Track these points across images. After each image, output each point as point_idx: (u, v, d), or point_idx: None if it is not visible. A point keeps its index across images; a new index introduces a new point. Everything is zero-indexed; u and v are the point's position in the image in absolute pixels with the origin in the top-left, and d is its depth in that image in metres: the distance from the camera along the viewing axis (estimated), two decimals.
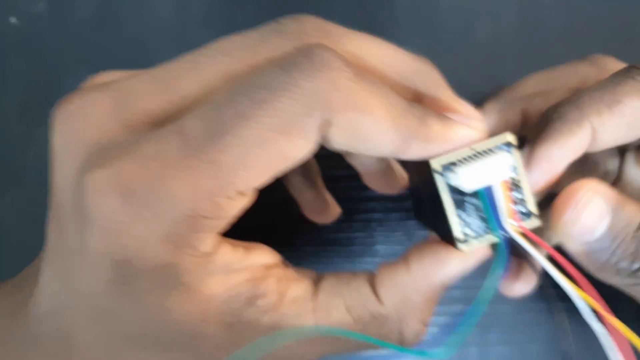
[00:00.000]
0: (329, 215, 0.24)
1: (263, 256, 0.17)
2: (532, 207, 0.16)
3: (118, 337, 0.15)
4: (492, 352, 0.26)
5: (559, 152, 0.17)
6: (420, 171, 0.17)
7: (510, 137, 0.15)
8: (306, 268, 0.18)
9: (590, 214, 0.16)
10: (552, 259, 0.16)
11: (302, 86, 0.13)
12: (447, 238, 0.16)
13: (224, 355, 0.16)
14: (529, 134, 0.18)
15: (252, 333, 0.16)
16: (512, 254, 0.16)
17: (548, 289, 0.24)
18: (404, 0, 0.28)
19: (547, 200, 0.18)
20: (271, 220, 0.26)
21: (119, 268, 0.14)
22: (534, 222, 0.16)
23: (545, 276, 0.17)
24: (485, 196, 0.16)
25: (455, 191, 0.16)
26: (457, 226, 0.16)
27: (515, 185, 0.16)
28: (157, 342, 0.16)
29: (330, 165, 0.23)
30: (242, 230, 0.20)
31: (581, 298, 0.15)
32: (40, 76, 0.26)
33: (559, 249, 0.17)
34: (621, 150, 0.22)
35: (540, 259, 0.16)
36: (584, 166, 0.21)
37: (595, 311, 0.15)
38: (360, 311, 0.16)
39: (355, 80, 0.14)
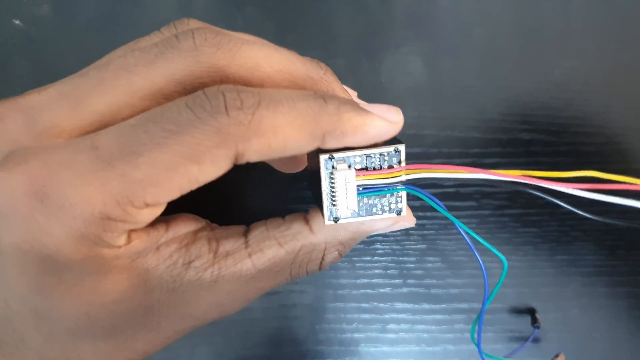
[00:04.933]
0: (296, 165, 0.23)
1: (186, 224, 0.19)
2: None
3: (62, 335, 0.16)
4: (489, 350, 0.27)
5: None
6: (314, 157, 0.18)
7: (401, 147, 0.17)
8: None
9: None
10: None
11: (209, 124, 0.14)
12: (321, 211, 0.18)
13: (172, 317, 0.18)
14: None
15: (196, 290, 0.18)
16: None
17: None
18: (403, 1, 0.28)
19: None
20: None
21: (44, 262, 0.15)
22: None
23: None
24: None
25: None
26: (326, 210, 0.17)
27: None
28: (104, 329, 0.16)
29: None
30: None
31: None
32: (44, 78, 0.27)
33: None
34: None
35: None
36: None
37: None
38: (292, 243, 0.19)
39: (256, 110, 0.14)
